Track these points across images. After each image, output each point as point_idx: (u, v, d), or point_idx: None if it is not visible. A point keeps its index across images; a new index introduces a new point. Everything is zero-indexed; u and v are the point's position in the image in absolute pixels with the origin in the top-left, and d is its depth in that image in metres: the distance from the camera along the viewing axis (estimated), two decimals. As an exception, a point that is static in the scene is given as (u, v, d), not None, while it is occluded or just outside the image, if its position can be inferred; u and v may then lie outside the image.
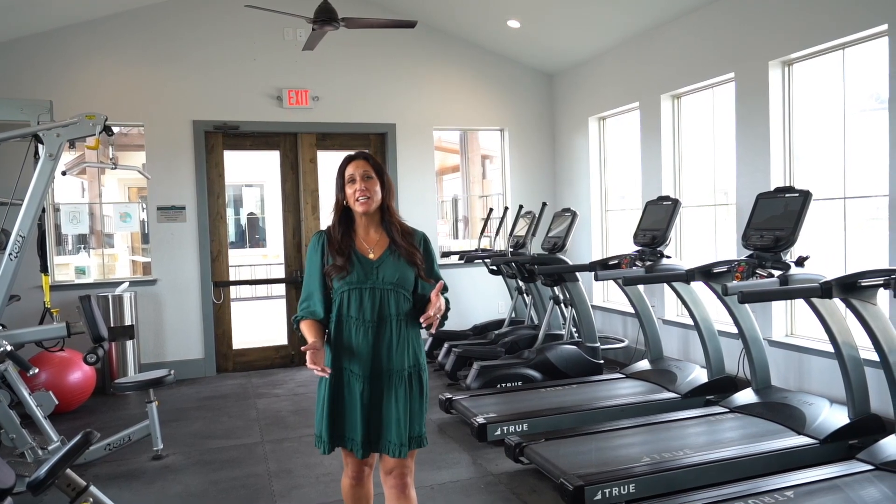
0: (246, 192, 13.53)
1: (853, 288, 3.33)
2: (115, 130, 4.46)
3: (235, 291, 7.62)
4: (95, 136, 4.19)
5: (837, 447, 3.66)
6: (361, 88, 7.03)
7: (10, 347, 3.87)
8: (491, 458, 4.12)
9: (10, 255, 3.95)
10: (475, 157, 9.97)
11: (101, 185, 8.30)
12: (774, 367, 4.65)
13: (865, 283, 3.32)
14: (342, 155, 2.62)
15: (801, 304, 4.44)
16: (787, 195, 4.00)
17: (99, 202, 8.04)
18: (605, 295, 7.11)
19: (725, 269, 4.16)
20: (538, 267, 5.71)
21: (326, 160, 7.00)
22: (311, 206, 6.98)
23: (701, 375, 4.86)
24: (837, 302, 3.53)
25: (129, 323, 6.08)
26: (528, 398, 4.83)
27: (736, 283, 3.81)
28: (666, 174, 5.94)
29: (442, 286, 2.45)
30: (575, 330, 6.02)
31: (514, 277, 6.70)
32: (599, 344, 5.82)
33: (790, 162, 4.83)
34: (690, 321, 4.94)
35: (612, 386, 5.10)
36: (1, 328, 4.10)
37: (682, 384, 4.82)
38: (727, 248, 5.35)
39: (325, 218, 6.83)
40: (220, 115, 6.65)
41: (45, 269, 4.45)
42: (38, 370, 4.13)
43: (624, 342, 6.37)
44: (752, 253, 4.01)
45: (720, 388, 4.72)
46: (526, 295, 6.89)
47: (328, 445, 2.49)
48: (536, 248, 6.36)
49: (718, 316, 4.91)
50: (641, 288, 5.40)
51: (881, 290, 3.35)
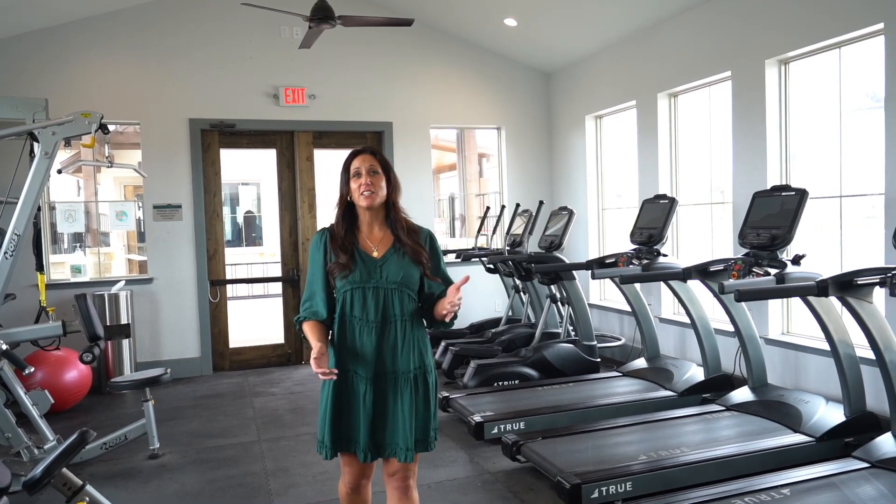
0: (242, 190, 13.49)
1: (849, 286, 3.34)
2: (111, 128, 4.44)
3: (232, 290, 7.60)
4: (91, 134, 4.17)
5: (833, 445, 3.66)
6: (358, 87, 7.02)
7: (5, 346, 3.86)
8: (488, 456, 4.12)
9: (5, 253, 3.94)
10: (472, 155, 9.98)
11: (96, 183, 8.26)
12: (771, 365, 4.66)
13: (861, 281, 3.33)
14: (339, 153, 2.60)
15: (797, 302, 4.44)
16: (783, 193, 4.00)
17: (95, 200, 8.00)
18: (601, 293, 7.13)
19: (722, 267, 4.17)
20: (535, 265, 5.71)
21: (323, 158, 6.99)
22: (307, 204, 6.96)
23: (697, 374, 4.87)
24: (833, 300, 3.55)
25: (125, 322, 6.08)
26: (525, 396, 4.84)
27: (732, 281, 3.81)
28: (662, 172, 5.95)
29: (467, 279, 2.33)
30: (572, 328, 6.02)
31: (511, 276, 6.71)
32: (596, 342, 5.82)
33: (786, 160, 4.85)
34: (687, 319, 4.95)
35: (608, 384, 5.10)
36: (-3, 327, 4.10)
37: (678, 382, 4.83)
38: (724, 246, 5.36)
39: (322, 216, 6.82)
40: (216, 113, 6.63)
41: (40, 267, 4.44)
42: (33, 369, 4.13)
43: (621, 340, 6.38)
44: (748, 251, 4.01)
45: (717, 386, 4.73)
46: (523, 293, 6.91)
47: (330, 451, 2.42)
48: (533, 246, 6.36)
49: (715, 314, 4.91)
50: (638, 286, 5.40)
51: (877, 288, 3.37)
